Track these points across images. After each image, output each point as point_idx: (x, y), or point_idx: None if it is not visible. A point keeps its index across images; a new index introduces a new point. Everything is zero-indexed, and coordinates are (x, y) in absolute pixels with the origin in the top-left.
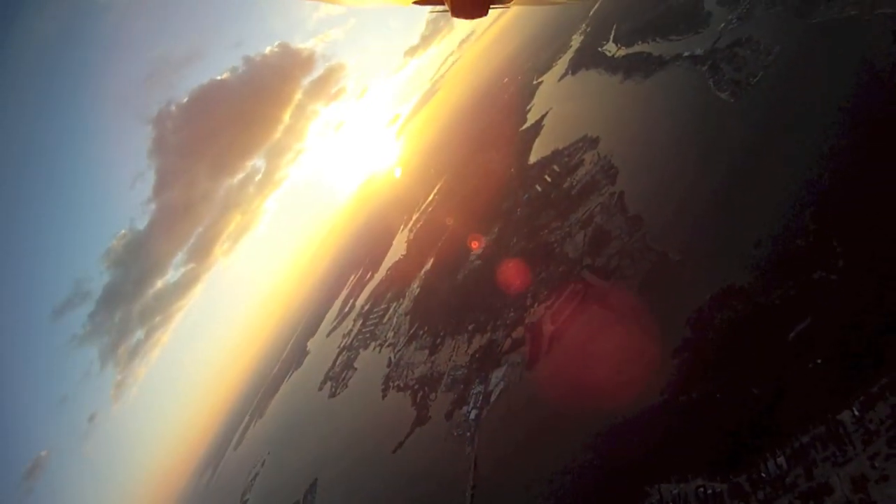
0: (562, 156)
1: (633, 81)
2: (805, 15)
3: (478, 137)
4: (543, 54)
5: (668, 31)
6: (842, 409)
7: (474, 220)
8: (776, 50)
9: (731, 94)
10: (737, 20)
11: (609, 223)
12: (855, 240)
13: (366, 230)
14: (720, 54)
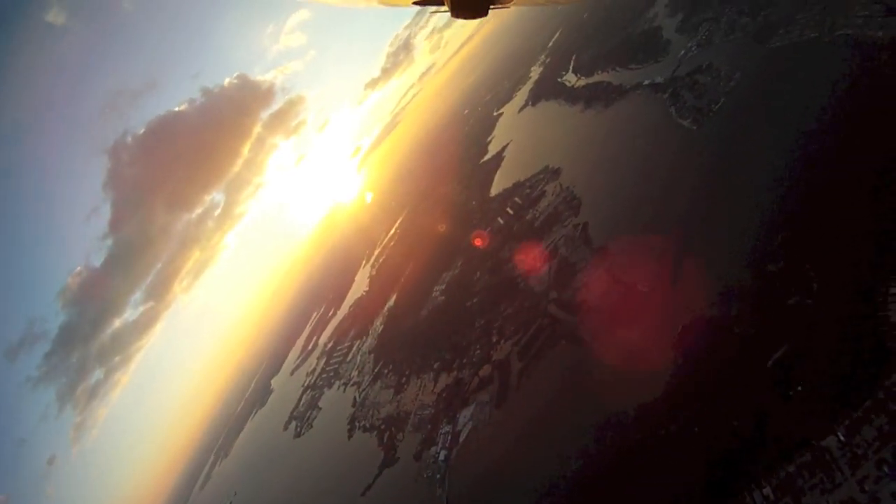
0: (523, 187)
1: (593, 111)
2: (764, 40)
3: (439, 170)
4: (503, 86)
5: (627, 60)
6: (827, 435)
7: (436, 255)
8: (737, 76)
9: (693, 121)
10: (696, 47)
11: (574, 255)
12: (828, 263)
13: (328, 265)
14: (681, 82)
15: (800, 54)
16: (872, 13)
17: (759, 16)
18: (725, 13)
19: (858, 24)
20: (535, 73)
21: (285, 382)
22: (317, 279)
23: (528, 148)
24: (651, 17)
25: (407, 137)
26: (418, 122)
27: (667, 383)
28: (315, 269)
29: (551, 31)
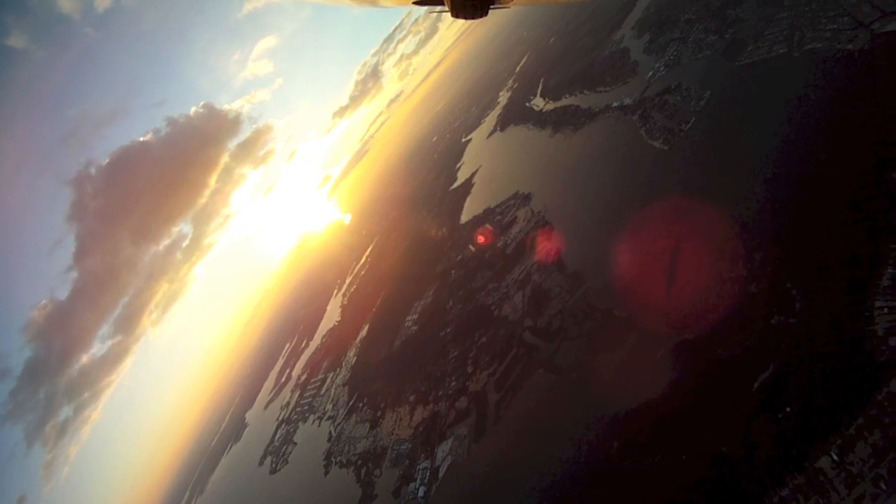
0: (494, 214)
1: (562, 135)
2: (733, 57)
3: (409, 198)
4: (472, 112)
5: (595, 83)
6: (820, 456)
7: (408, 284)
8: (707, 95)
9: (664, 141)
10: (664, 68)
11: (547, 282)
12: (809, 280)
13: (299, 295)
14: (650, 103)
15: (769, 70)
16: (841, 26)
17: (727, 33)
18: (692, 33)
19: (827, 37)
20: (503, 98)
21: (260, 416)
22: (288, 310)
23: (498, 173)
24: (618, 40)
25: (376, 165)
26: (387, 150)
27: (651, 412)
28: (287, 300)
29: (519, 56)
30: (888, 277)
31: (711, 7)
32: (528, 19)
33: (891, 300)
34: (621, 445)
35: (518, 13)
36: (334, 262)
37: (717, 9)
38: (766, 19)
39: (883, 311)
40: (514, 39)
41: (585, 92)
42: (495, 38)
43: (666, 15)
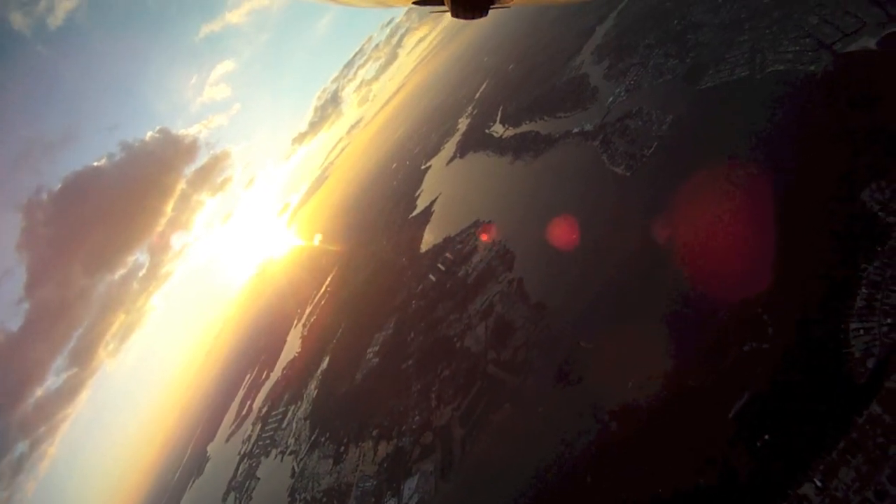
0: (454, 243)
1: (522, 162)
2: (695, 81)
3: (368, 226)
4: (431, 138)
5: (555, 109)
6: (802, 483)
7: (368, 314)
8: (669, 119)
9: (627, 167)
10: (625, 93)
11: (511, 313)
12: (780, 305)
13: (259, 325)
14: (611, 128)
15: (732, 93)
16: (803, 48)
17: (688, 57)
18: (652, 57)
19: (789, 59)
20: (462, 124)
21: (221, 449)
22: (249, 339)
23: (458, 201)
24: (577, 65)
25: (336, 192)
26: (347, 177)
27: (622, 444)
28: (247, 329)
29: (478, 83)
30: (862, 298)
31: (671, 32)
32: (489, 45)
33: (866, 321)
34: (594, 479)
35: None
36: (294, 291)
37: (677, 33)
38: (726, 43)
39: (859, 332)
40: (473, 66)
41: (545, 118)
42: (455, 64)
43: (626, 40)
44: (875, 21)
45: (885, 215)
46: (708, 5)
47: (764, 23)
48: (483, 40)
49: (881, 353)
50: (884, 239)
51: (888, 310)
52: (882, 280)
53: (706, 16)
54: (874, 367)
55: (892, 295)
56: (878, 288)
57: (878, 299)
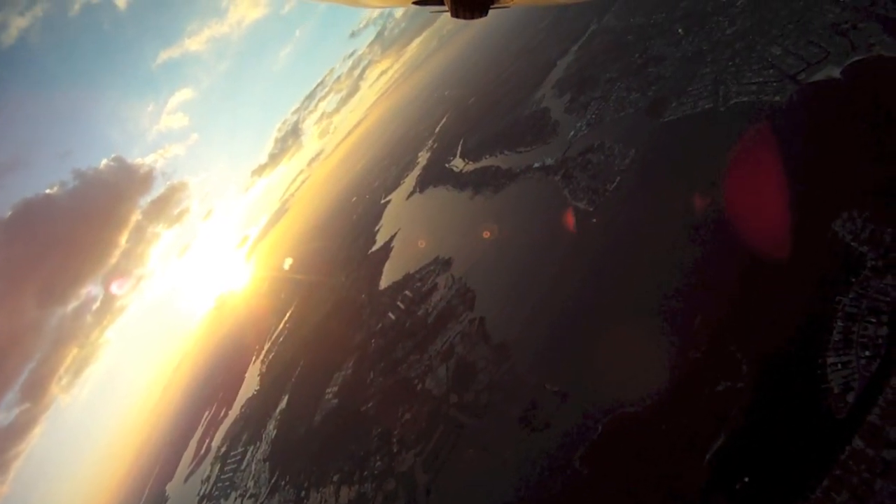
0: (414, 280)
1: (483, 197)
2: (657, 114)
3: (328, 261)
4: (391, 172)
5: (515, 143)
6: None
7: (327, 353)
8: (631, 153)
9: (589, 202)
10: (586, 127)
11: (472, 354)
12: (754, 341)
13: (217, 361)
14: (572, 163)
15: (695, 126)
16: (766, 79)
17: (650, 90)
18: (614, 91)
19: (753, 91)
20: (422, 158)
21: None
22: (207, 375)
23: (417, 237)
24: (538, 99)
25: (296, 226)
26: (308, 210)
27: (594, 492)
28: (205, 365)
29: (439, 116)
30: (838, 331)
31: (632, 65)
32: (450, 78)
33: (843, 355)
34: None
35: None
36: (253, 325)
37: (639, 67)
38: (688, 75)
39: (836, 366)
40: (435, 98)
41: (506, 152)
42: (417, 97)
43: (587, 74)
44: (838, 50)
45: (858, 245)
46: (669, 38)
47: (726, 55)
48: (445, 73)
49: (861, 387)
50: (857, 269)
51: (866, 342)
52: (858, 312)
53: (668, 49)
54: (854, 401)
55: (870, 327)
56: (854, 320)
57: (854, 332)
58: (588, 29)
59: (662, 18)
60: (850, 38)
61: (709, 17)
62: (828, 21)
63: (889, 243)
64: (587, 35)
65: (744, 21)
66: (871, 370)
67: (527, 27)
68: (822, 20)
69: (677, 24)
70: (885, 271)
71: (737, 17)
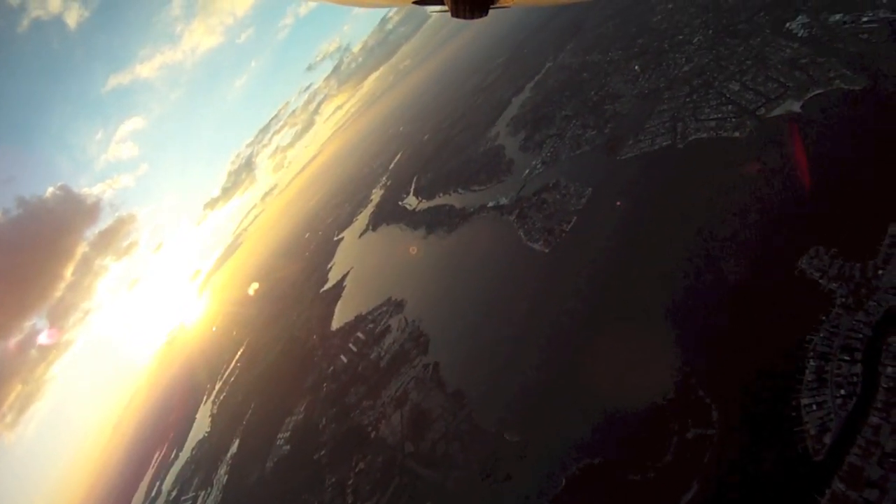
0: (366, 321)
1: (436, 236)
2: (615, 152)
3: (280, 298)
4: (345, 209)
5: (469, 182)
6: None
7: (279, 395)
8: (588, 192)
9: (545, 243)
10: (542, 165)
11: (427, 401)
12: (723, 385)
13: (169, 398)
14: (527, 202)
15: (653, 164)
16: (725, 115)
17: (606, 128)
18: (570, 128)
19: (712, 127)
20: (376, 196)
21: None
22: (158, 414)
23: (370, 276)
24: (493, 137)
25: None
26: (261, 246)
27: None
28: (157, 402)
29: (393, 153)
30: (811, 371)
31: (588, 102)
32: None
33: (818, 395)
34: None
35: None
36: (205, 363)
37: (595, 104)
38: (645, 112)
39: (811, 407)
40: (390, 135)
41: (460, 191)
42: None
43: (542, 111)
44: (798, 85)
45: (827, 282)
46: (626, 75)
47: (683, 91)
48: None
49: (838, 427)
50: (827, 307)
51: (840, 381)
52: (830, 350)
53: (624, 86)
54: (832, 442)
55: (843, 365)
56: (827, 359)
57: (828, 371)
58: (544, 66)
59: (619, 56)
60: (809, 73)
61: (665, 54)
62: (786, 56)
63: (858, 279)
64: (543, 72)
65: (701, 58)
66: (848, 409)
67: (483, 64)
68: (779, 56)
69: (634, 62)
70: (855, 308)
71: (693, 54)
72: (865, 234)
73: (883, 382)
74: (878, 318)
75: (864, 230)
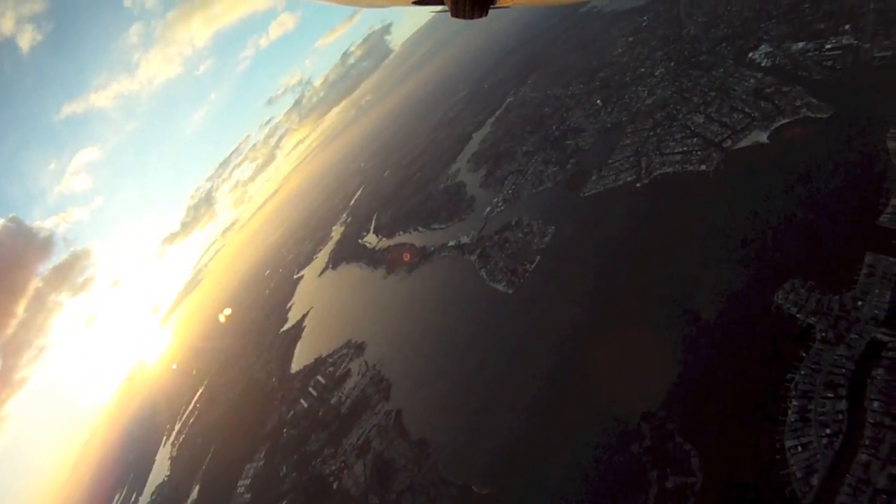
0: (326, 364)
1: (396, 276)
2: (577, 188)
3: (240, 338)
4: (305, 246)
5: (430, 220)
6: None
7: (238, 440)
8: (551, 230)
9: (508, 283)
10: (503, 203)
11: (391, 450)
12: (702, 430)
13: (129, 437)
14: (489, 241)
15: (617, 200)
16: (690, 148)
17: (568, 164)
18: (531, 164)
19: (677, 161)
20: (336, 232)
21: None
22: (118, 454)
23: (330, 317)
24: (453, 173)
25: (209, 298)
26: (221, 282)
27: None
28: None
29: (354, 188)
30: (793, 412)
31: (550, 137)
32: (367, 150)
33: (802, 436)
34: None
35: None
36: (165, 401)
37: (557, 139)
38: (608, 147)
39: (796, 449)
40: (351, 170)
41: (420, 229)
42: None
43: (503, 147)
44: (764, 115)
45: (805, 317)
46: (587, 110)
47: (647, 125)
48: (362, 144)
49: (825, 468)
50: (806, 342)
51: (824, 420)
52: (813, 388)
53: (586, 120)
54: (819, 484)
55: (827, 402)
56: (809, 398)
57: (811, 410)
58: (504, 101)
59: (580, 89)
60: (775, 102)
61: (627, 87)
62: (750, 87)
63: (838, 312)
64: (503, 107)
65: (663, 90)
66: (835, 448)
67: (444, 99)
68: (744, 86)
69: (595, 95)
70: (836, 342)
71: (656, 86)
72: (841, 264)
73: (870, 418)
74: (861, 351)
75: (839, 261)
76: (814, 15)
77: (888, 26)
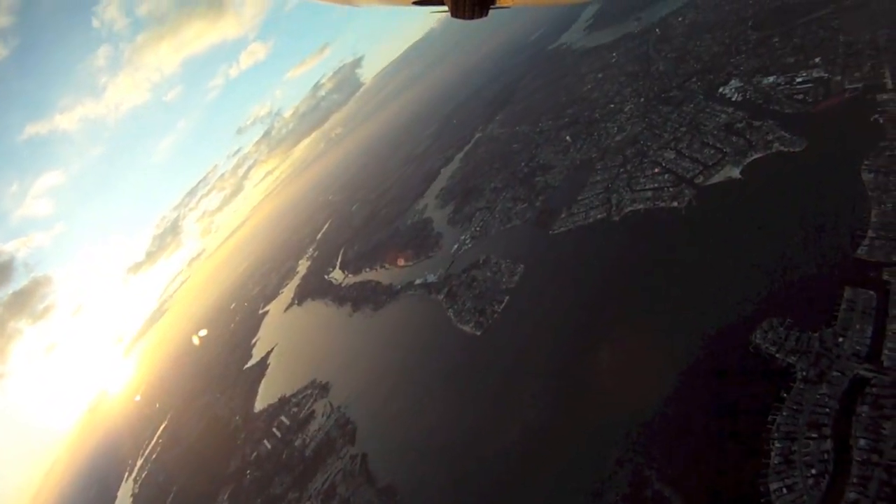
0: (290, 404)
1: (362, 314)
2: (547, 225)
3: (203, 373)
4: (272, 279)
5: (396, 256)
6: None
7: (201, 480)
8: (520, 269)
9: (476, 325)
10: (471, 240)
11: (357, 497)
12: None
13: (90, 470)
14: (456, 280)
15: (588, 238)
16: (661, 184)
17: (537, 201)
18: (500, 201)
19: (648, 197)
20: (302, 267)
21: None
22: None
23: (295, 355)
24: (420, 209)
25: (174, 329)
26: (186, 314)
27: None
28: (77, 474)
29: (322, 222)
30: (777, 454)
31: (519, 174)
32: (335, 183)
33: (787, 478)
34: None
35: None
36: (128, 433)
37: (525, 175)
38: (577, 184)
39: (781, 492)
40: (318, 203)
41: (386, 266)
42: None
43: (471, 183)
44: (735, 150)
45: (784, 356)
46: (556, 146)
47: (617, 161)
48: (331, 177)
49: None
50: (787, 382)
51: (810, 460)
52: (796, 429)
53: (555, 157)
54: None
55: (811, 443)
56: (792, 439)
57: (795, 451)
58: (473, 136)
59: (549, 126)
60: (747, 137)
61: (596, 123)
62: (721, 122)
63: (818, 349)
64: (472, 143)
65: (633, 126)
66: (822, 489)
67: (414, 134)
68: (714, 121)
69: (564, 132)
70: (818, 381)
71: (625, 122)
72: (820, 300)
73: (856, 456)
74: (844, 389)
75: (818, 296)
76: (783, 49)
77: (858, 58)
